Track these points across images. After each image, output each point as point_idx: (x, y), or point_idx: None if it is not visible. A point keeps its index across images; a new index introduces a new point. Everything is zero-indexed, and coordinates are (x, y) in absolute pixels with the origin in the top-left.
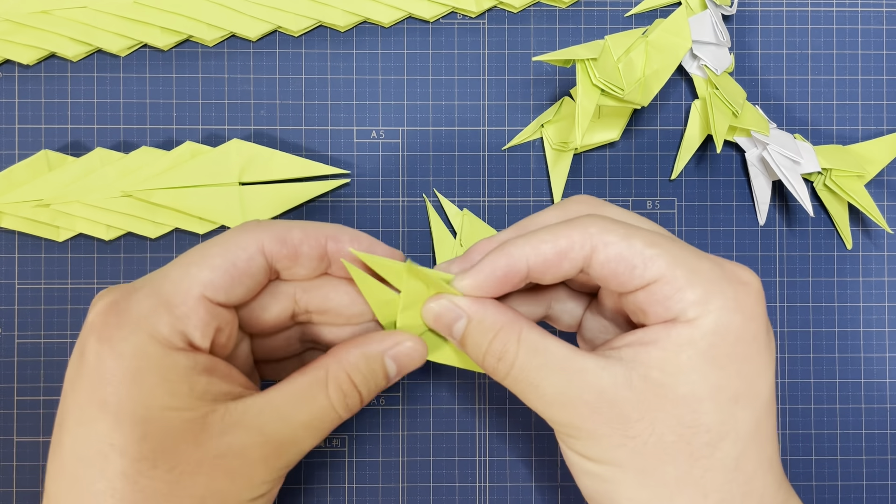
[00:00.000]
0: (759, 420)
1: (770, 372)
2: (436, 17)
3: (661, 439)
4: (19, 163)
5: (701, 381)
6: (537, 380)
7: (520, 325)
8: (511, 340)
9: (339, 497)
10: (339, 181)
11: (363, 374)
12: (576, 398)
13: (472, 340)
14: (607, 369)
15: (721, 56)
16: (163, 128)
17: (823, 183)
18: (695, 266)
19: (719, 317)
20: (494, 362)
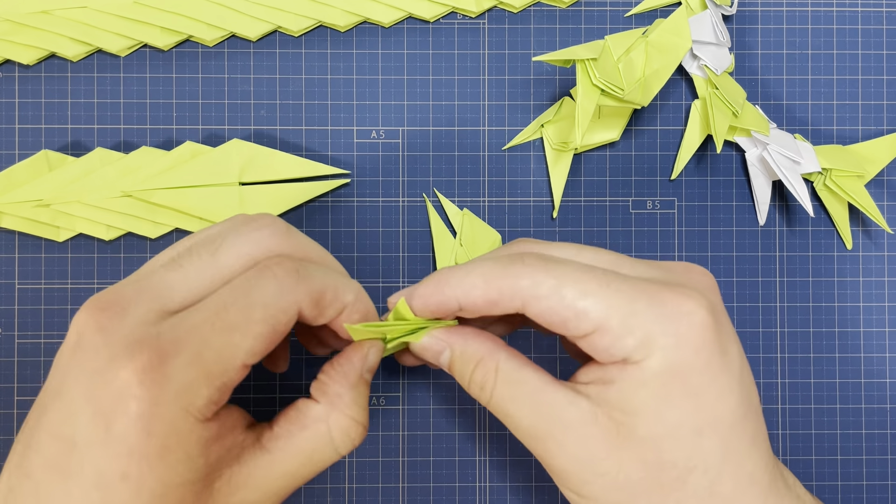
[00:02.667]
0: (727, 443)
1: (731, 392)
2: (436, 17)
3: (630, 476)
4: (19, 163)
5: (658, 422)
6: (511, 410)
7: (498, 355)
8: (490, 370)
9: (339, 497)
10: (339, 181)
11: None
12: (545, 432)
13: (458, 369)
14: (575, 404)
15: (721, 56)
16: (163, 128)
17: (823, 183)
18: (630, 309)
19: (665, 356)
20: (477, 391)
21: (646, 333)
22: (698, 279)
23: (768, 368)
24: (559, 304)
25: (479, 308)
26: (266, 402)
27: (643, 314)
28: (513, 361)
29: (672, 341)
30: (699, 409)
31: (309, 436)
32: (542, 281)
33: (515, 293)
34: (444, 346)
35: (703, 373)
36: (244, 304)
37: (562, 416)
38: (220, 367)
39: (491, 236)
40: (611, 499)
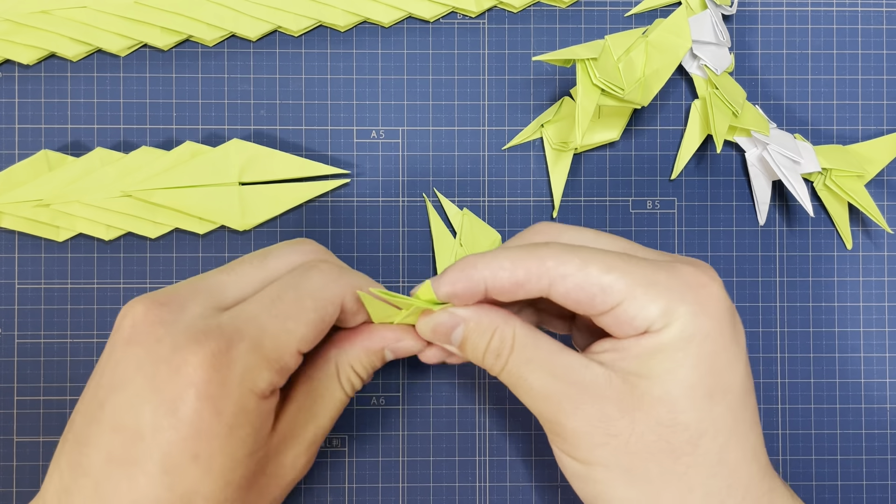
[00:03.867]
0: (735, 412)
1: (740, 364)
2: (436, 17)
3: (642, 438)
4: (19, 163)
5: (674, 383)
6: (526, 373)
7: (513, 322)
8: (507, 337)
9: (339, 497)
10: (340, 181)
11: (364, 365)
12: (560, 392)
13: (472, 343)
14: (590, 368)
15: (721, 56)
16: (163, 128)
17: (823, 183)
18: (653, 280)
19: (685, 323)
20: (492, 359)
21: (668, 302)
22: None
23: (768, 368)
24: (585, 281)
25: (506, 290)
26: None
27: (665, 284)
28: (528, 329)
29: (693, 309)
30: (712, 374)
31: (322, 377)
32: (568, 260)
33: (542, 273)
34: (457, 321)
35: (716, 341)
36: (296, 295)
37: (577, 377)
38: (278, 352)
39: (491, 236)
40: (621, 462)
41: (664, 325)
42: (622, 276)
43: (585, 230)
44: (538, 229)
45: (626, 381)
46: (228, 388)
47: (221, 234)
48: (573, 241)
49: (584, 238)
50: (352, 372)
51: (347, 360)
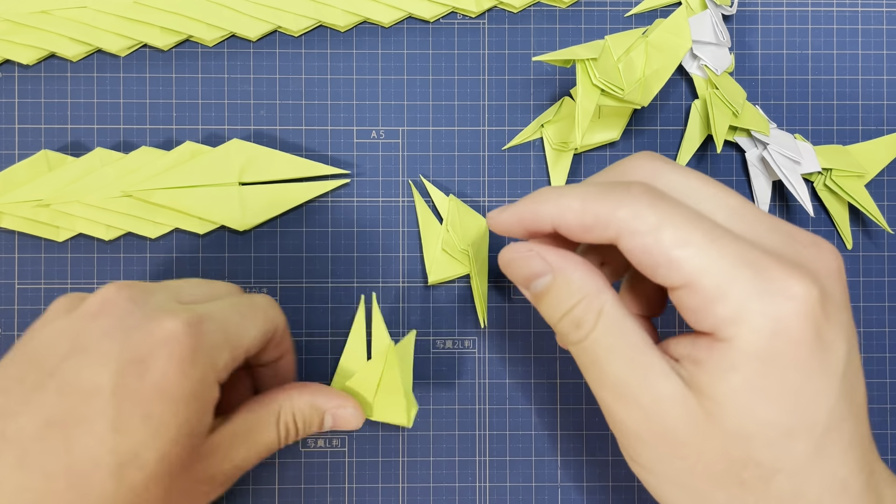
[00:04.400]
0: (820, 448)
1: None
2: (436, 17)
3: (710, 468)
4: (19, 163)
5: (747, 417)
6: (603, 360)
7: (604, 297)
8: (592, 311)
9: (339, 497)
10: (340, 181)
11: (305, 419)
12: (632, 395)
13: (553, 300)
14: (670, 379)
15: (721, 56)
16: (163, 128)
17: (823, 183)
18: (730, 274)
19: (757, 341)
20: (572, 328)
21: (740, 306)
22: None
23: None
24: (654, 246)
25: (573, 231)
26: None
27: (742, 284)
28: (619, 308)
29: (768, 325)
30: (793, 410)
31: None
32: (643, 216)
33: (611, 222)
34: (546, 270)
35: (799, 369)
36: (250, 306)
37: (655, 385)
38: (237, 340)
39: (477, 221)
40: (685, 482)
41: (733, 336)
42: (695, 256)
43: (691, 175)
44: (635, 162)
45: (701, 406)
46: (197, 356)
47: (221, 235)
48: (669, 187)
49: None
50: (291, 420)
51: (291, 407)
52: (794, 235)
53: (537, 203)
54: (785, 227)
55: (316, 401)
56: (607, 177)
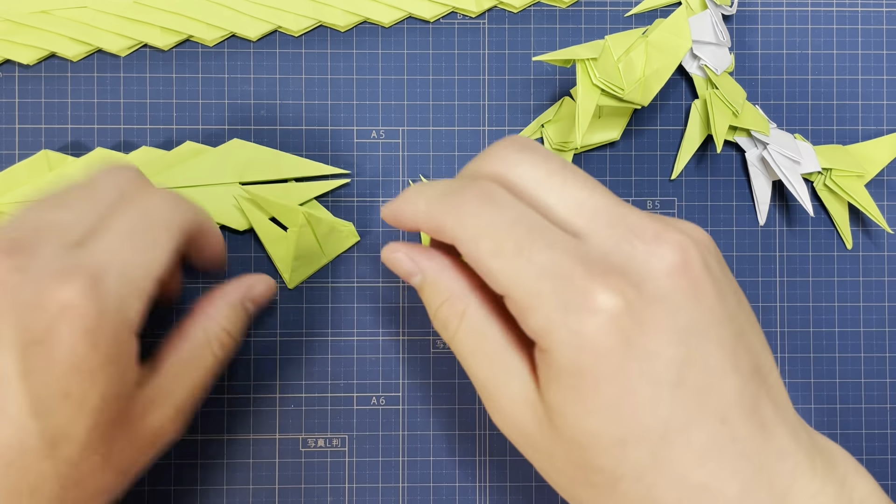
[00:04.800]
0: (659, 454)
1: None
2: (436, 17)
3: (563, 470)
4: (20, 163)
5: (577, 427)
6: (468, 360)
7: (466, 300)
8: (455, 313)
9: (339, 497)
10: (340, 181)
11: (233, 323)
12: (493, 396)
13: (426, 298)
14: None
15: (721, 56)
16: (163, 128)
17: (823, 183)
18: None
19: (567, 355)
20: (441, 327)
21: (547, 319)
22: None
23: None
24: (475, 257)
25: (429, 232)
26: (241, 403)
27: (548, 297)
28: (481, 311)
29: (573, 339)
30: (618, 420)
31: (191, 346)
32: (465, 225)
33: (445, 230)
34: (415, 271)
35: (614, 381)
36: (149, 226)
37: (509, 386)
38: (144, 282)
39: None
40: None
41: (548, 348)
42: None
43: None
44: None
45: (547, 410)
46: (105, 321)
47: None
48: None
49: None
50: (221, 334)
51: (214, 324)
52: (634, 230)
53: (401, 202)
54: (630, 218)
55: (230, 300)
56: (470, 169)
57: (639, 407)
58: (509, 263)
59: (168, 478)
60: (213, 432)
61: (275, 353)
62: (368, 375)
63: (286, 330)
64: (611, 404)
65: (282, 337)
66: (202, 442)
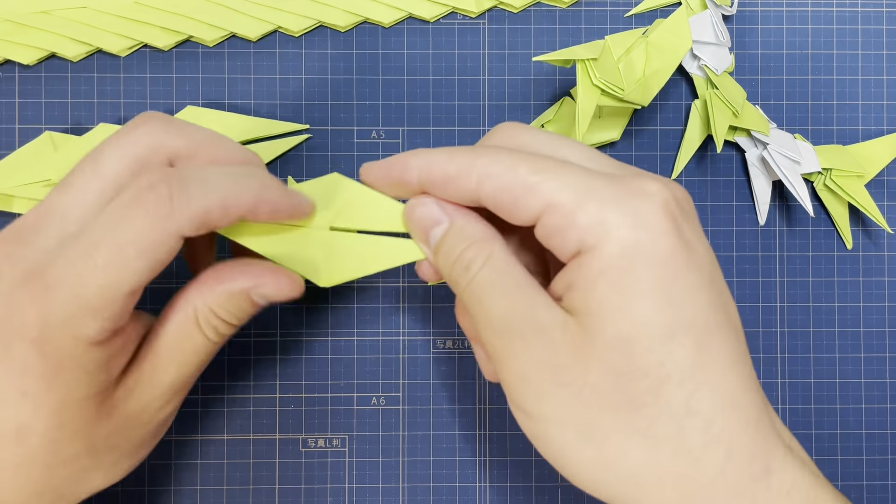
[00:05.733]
0: (703, 351)
1: (701, 291)
2: (436, 17)
3: (596, 388)
4: (24, 147)
5: (623, 320)
6: (487, 297)
7: (495, 242)
8: (482, 253)
9: (339, 497)
10: (300, 137)
11: (228, 310)
12: (515, 328)
13: (447, 247)
14: (551, 310)
15: (721, 56)
16: None
17: (823, 183)
18: (585, 185)
19: (621, 238)
20: (462, 270)
21: (600, 211)
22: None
23: (768, 368)
24: (512, 181)
25: (437, 183)
26: (241, 403)
27: (598, 192)
28: (506, 253)
29: (630, 220)
30: (670, 306)
31: (178, 320)
32: (500, 160)
33: (472, 170)
34: (443, 218)
35: (666, 263)
36: (116, 243)
37: (536, 315)
38: (103, 301)
39: None
40: (574, 416)
41: (597, 242)
42: (550, 178)
43: (548, 134)
44: (498, 131)
45: (580, 324)
46: (49, 334)
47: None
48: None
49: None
50: (213, 317)
51: (207, 304)
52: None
53: (408, 156)
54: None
55: (231, 289)
56: None
57: (686, 293)
58: (554, 175)
59: (168, 478)
60: (212, 432)
61: (274, 353)
62: (368, 375)
63: (286, 330)
64: (661, 286)
65: (281, 337)
66: (202, 442)
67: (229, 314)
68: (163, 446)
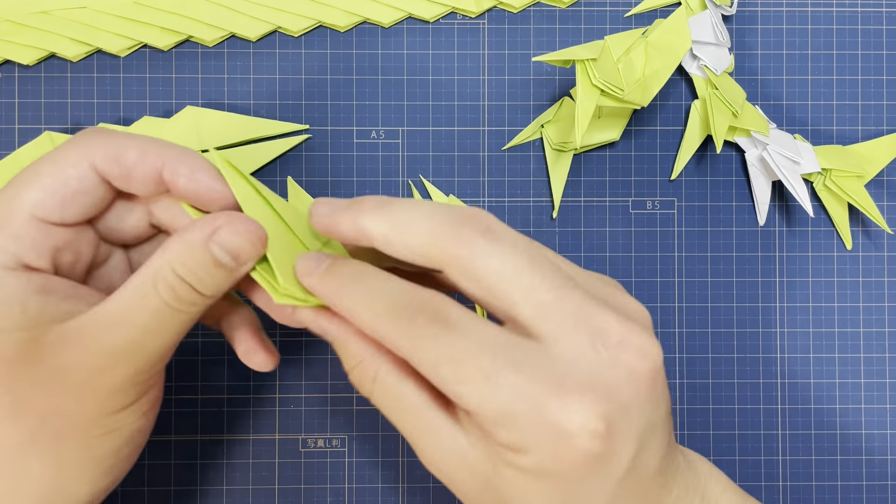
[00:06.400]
0: None
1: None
2: (436, 17)
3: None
4: (23, 147)
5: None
6: (391, 418)
7: (377, 363)
8: (367, 376)
9: (339, 497)
10: (299, 137)
11: (188, 267)
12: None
13: (340, 355)
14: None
15: (721, 56)
16: None
17: (823, 183)
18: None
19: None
20: (356, 386)
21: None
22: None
23: (768, 368)
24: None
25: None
26: (241, 403)
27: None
28: (393, 375)
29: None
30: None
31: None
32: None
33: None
34: (325, 332)
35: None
36: (36, 163)
37: (437, 440)
38: (8, 218)
39: None
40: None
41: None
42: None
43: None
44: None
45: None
46: None
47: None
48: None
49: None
50: (172, 275)
51: (167, 262)
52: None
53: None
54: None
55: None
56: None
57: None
58: (476, 389)
59: (168, 478)
60: (212, 432)
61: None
62: None
63: (286, 330)
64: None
65: (281, 337)
66: (202, 442)
67: (189, 272)
68: (163, 446)
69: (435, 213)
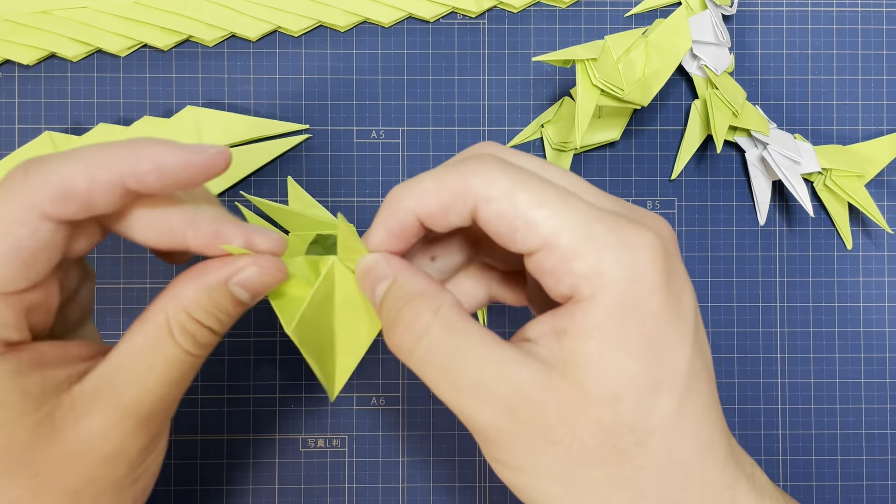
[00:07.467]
0: (685, 403)
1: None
2: (436, 17)
3: (584, 445)
4: (23, 147)
5: (615, 375)
6: (450, 363)
7: (441, 298)
8: (425, 311)
9: (339, 497)
10: (300, 137)
11: (206, 310)
12: (490, 391)
13: (388, 303)
14: (526, 365)
15: (721, 56)
16: None
17: (823, 183)
18: (586, 231)
19: (617, 292)
20: (401, 333)
21: (598, 260)
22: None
23: (768, 368)
24: (511, 210)
25: (435, 215)
26: (241, 403)
27: (598, 239)
28: (458, 309)
29: (627, 275)
30: (656, 361)
31: (148, 331)
32: (496, 181)
33: (468, 192)
34: (388, 273)
35: (657, 318)
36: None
37: (512, 375)
38: None
39: None
40: (562, 471)
41: (593, 292)
42: (551, 215)
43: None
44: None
45: (566, 377)
46: None
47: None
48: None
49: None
50: (189, 321)
51: (182, 307)
52: (632, 207)
53: (395, 202)
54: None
55: (207, 281)
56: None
57: (673, 348)
58: (555, 213)
59: (168, 478)
60: (212, 433)
61: (274, 353)
62: (368, 375)
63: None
64: (653, 345)
65: (282, 337)
66: (202, 442)
67: (208, 315)
68: None
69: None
